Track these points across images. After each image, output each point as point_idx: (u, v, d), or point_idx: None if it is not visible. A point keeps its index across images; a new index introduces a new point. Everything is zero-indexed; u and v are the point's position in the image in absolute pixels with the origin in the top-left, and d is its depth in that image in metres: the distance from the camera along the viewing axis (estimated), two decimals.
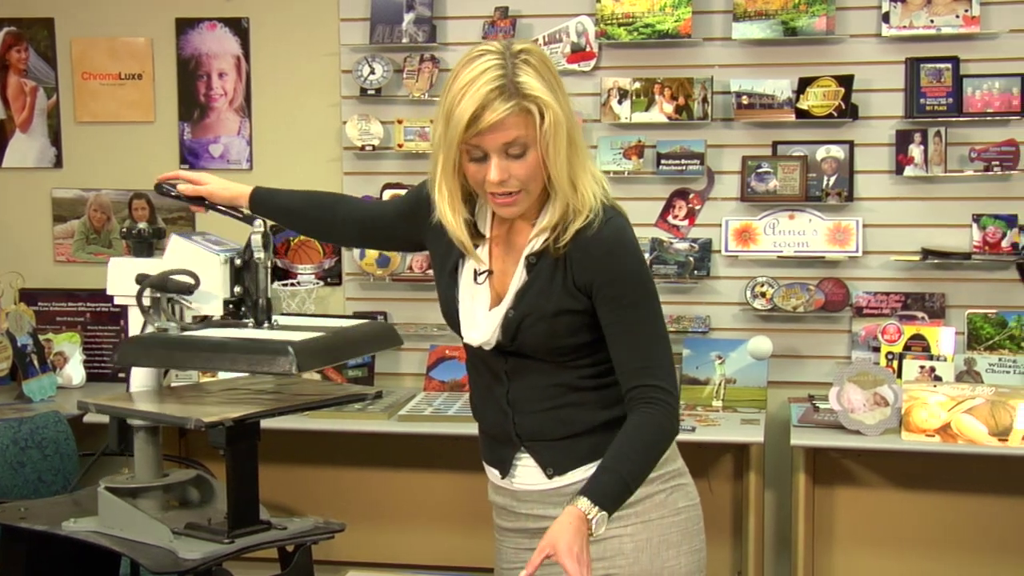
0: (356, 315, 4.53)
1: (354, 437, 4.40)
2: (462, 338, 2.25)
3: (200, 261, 2.65)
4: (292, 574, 2.76)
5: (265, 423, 2.68)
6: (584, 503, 2.01)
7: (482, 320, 2.19)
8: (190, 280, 2.63)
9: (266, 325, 2.61)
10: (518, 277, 2.17)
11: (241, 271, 2.64)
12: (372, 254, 4.53)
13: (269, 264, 2.65)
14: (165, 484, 2.76)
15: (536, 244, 2.15)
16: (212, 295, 2.65)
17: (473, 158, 2.07)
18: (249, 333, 2.55)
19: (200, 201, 2.69)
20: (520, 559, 2.30)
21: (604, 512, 2.02)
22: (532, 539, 2.28)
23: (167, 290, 2.64)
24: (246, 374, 2.78)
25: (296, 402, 2.77)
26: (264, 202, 2.67)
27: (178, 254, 2.68)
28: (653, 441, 2.12)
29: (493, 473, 2.33)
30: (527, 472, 2.25)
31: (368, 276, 4.58)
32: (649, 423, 2.11)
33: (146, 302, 2.67)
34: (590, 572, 1.98)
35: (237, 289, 2.64)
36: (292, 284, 4.61)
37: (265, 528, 2.68)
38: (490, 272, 2.21)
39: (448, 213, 2.14)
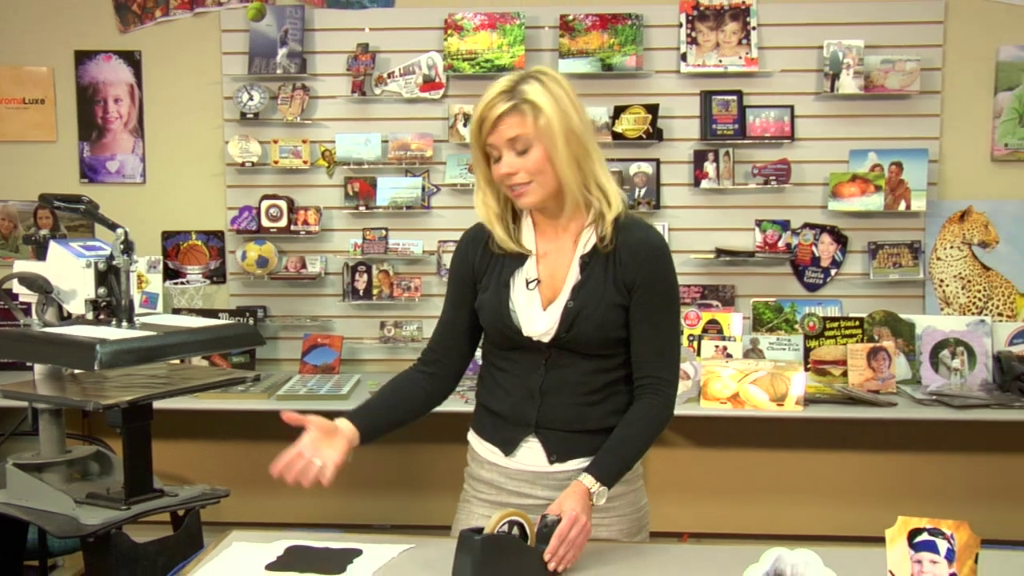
0: (239, 309, 4.48)
1: (237, 415, 4.34)
2: (517, 334, 2.13)
3: (68, 265, 2.58)
4: (183, 535, 2.73)
5: (158, 404, 2.65)
6: (588, 479, 2.02)
7: (539, 316, 2.12)
8: (39, 282, 2.56)
9: (125, 324, 2.55)
10: (572, 275, 2.12)
11: (106, 274, 2.57)
12: (252, 256, 4.46)
13: (131, 268, 2.58)
14: (68, 459, 2.70)
15: (587, 245, 2.12)
16: (76, 295, 2.59)
17: (494, 160, 2.08)
18: (86, 331, 2.47)
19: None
20: None
21: (605, 487, 2.03)
22: None
23: (33, 289, 2.58)
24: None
25: (185, 385, 2.74)
26: (368, 430, 2.15)
27: (54, 258, 2.61)
28: (655, 428, 2.12)
29: (492, 451, 2.22)
30: (530, 454, 2.17)
31: (249, 275, 4.51)
32: (654, 412, 2.12)
33: (32, 300, 2.61)
34: (587, 535, 1.99)
35: (101, 290, 2.56)
36: (182, 283, 4.53)
37: (158, 495, 2.65)
38: (538, 280, 2.15)
39: (481, 207, 2.18)
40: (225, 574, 2.01)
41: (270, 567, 2.03)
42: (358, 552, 2.10)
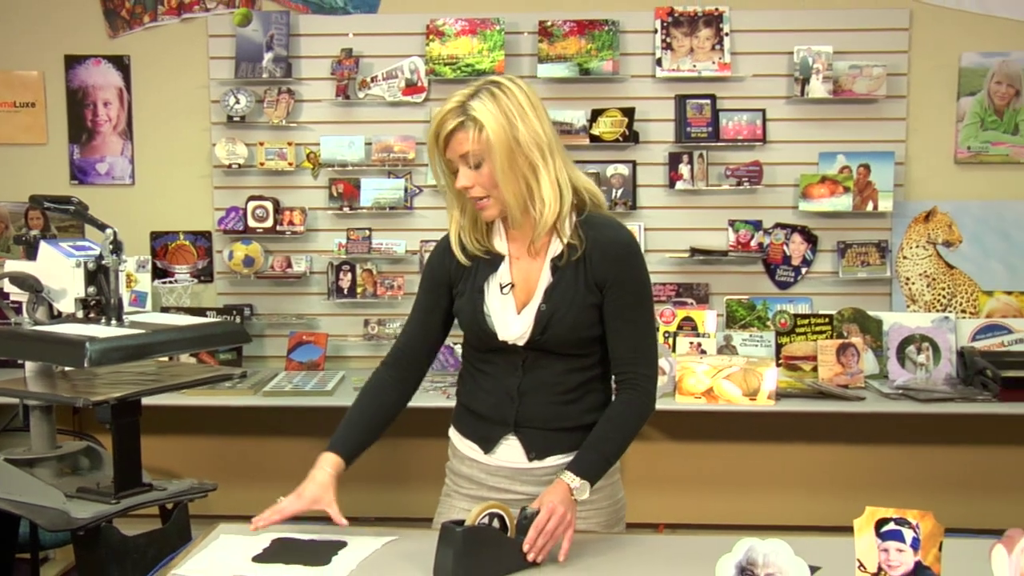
0: (226, 307, 4.46)
1: (224, 411, 4.32)
2: (492, 338, 2.11)
3: (58, 264, 2.57)
4: (171, 528, 2.71)
5: (146, 400, 2.63)
6: (568, 476, 2.01)
7: (513, 320, 2.10)
8: (30, 282, 2.55)
9: (114, 323, 2.54)
10: (544, 278, 2.10)
11: (95, 274, 2.55)
12: (239, 255, 4.45)
13: (120, 268, 2.57)
14: (59, 455, 2.69)
15: (557, 248, 2.10)
16: (66, 294, 2.58)
17: (453, 172, 2.05)
18: (76, 329, 2.46)
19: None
20: None
21: (586, 481, 2.02)
22: None
23: (24, 289, 2.56)
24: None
25: (173, 382, 2.73)
26: (352, 455, 2.17)
27: (45, 258, 2.60)
28: (635, 423, 2.10)
29: (472, 448, 2.21)
30: (509, 451, 2.16)
31: (236, 274, 4.49)
32: (632, 408, 2.10)
33: (23, 299, 2.59)
34: (572, 529, 1.98)
35: (91, 289, 2.55)
36: (170, 282, 4.51)
37: (147, 489, 2.63)
38: (512, 285, 2.13)
39: (455, 227, 2.14)
40: (213, 566, 2.00)
41: (257, 559, 2.02)
42: (343, 544, 2.09)
